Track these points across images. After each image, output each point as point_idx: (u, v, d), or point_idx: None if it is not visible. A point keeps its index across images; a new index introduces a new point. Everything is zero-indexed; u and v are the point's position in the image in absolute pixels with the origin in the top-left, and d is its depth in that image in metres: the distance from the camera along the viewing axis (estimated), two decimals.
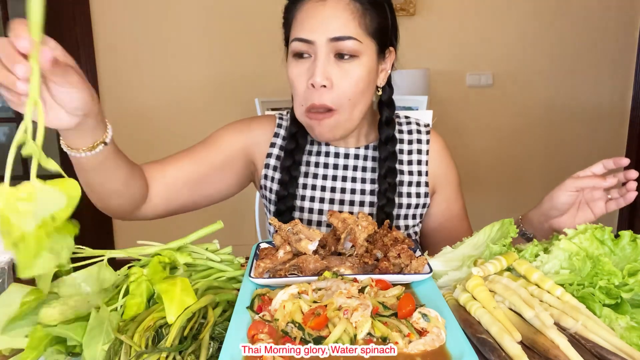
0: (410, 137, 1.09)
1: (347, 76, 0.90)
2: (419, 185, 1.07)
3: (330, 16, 0.89)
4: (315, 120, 0.93)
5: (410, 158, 1.08)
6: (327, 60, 0.90)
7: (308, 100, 0.92)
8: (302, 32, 0.90)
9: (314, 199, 1.05)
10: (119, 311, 0.59)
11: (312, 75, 0.89)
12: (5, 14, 2.89)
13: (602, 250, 0.68)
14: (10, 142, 0.51)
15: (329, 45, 0.89)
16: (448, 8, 2.93)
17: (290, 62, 0.94)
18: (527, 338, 0.53)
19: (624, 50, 2.99)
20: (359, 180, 1.06)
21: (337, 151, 1.07)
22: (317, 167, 1.06)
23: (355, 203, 1.05)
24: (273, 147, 1.08)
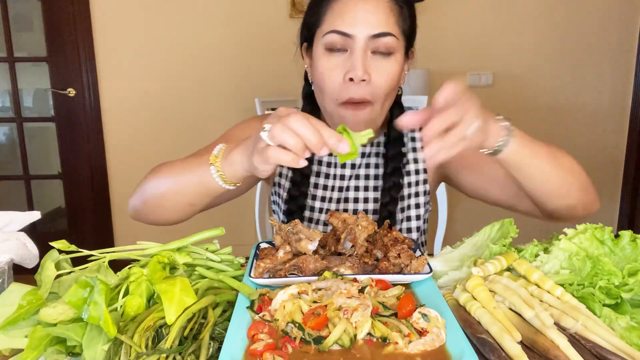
0: (413, 134, 1.08)
1: (384, 71, 0.91)
2: (417, 185, 1.06)
3: (372, 11, 0.88)
4: (352, 111, 0.92)
5: (407, 158, 1.07)
6: (365, 55, 0.89)
7: (344, 94, 0.91)
8: (341, 25, 0.89)
9: (325, 199, 1.05)
10: (119, 311, 0.59)
11: (352, 69, 0.88)
12: (5, 14, 2.89)
13: (602, 250, 0.68)
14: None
15: (369, 41, 0.88)
16: (449, 8, 2.93)
17: (322, 55, 0.92)
18: (527, 338, 0.53)
19: (624, 50, 2.99)
20: (362, 177, 1.06)
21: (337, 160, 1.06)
22: (329, 167, 1.06)
23: (360, 200, 1.05)
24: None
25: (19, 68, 3.01)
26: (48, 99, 3.03)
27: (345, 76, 0.90)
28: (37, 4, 2.89)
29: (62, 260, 0.68)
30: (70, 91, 2.96)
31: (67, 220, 3.16)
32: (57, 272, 0.65)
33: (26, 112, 3.08)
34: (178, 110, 3.01)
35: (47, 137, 3.08)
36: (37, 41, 2.96)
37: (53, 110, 3.02)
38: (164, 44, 2.94)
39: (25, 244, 0.75)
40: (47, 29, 2.91)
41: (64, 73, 2.96)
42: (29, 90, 3.08)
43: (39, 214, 0.80)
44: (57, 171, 3.11)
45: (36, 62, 3.02)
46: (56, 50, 2.93)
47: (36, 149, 3.12)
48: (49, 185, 3.18)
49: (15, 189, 3.16)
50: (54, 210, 3.22)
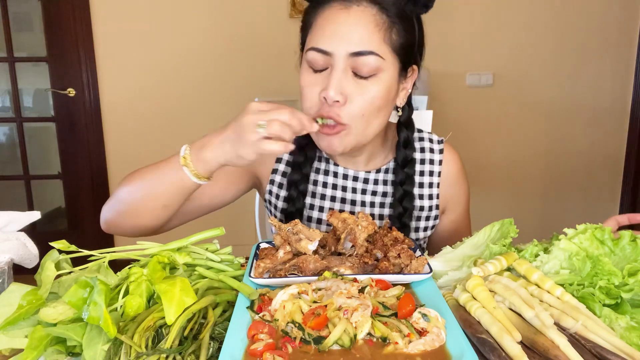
0: (423, 156, 1.03)
1: (364, 93, 0.83)
2: (430, 210, 1.02)
3: (353, 26, 0.81)
4: (324, 135, 0.87)
5: (422, 180, 1.02)
6: (344, 74, 0.82)
7: (319, 112, 0.86)
8: (320, 41, 0.83)
9: (321, 221, 1.01)
10: (119, 311, 0.59)
11: (326, 88, 0.82)
12: (5, 14, 2.89)
13: (602, 250, 0.68)
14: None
15: (348, 59, 0.82)
16: (448, 8, 2.93)
17: (303, 70, 0.87)
18: (527, 338, 0.53)
19: (624, 50, 2.99)
20: (367, 204, 1.01)
21: (345, 173, 1.01)
22: (325, 188, 1.01)
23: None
24: (279, 163, 1.03)
25: (19, 68, 3.01)
26: (48, 99, 3.03)
27: (320, 94, 0.84)
28: (37, 4, 2.89)
29: (62, 260, 0.68)
30: (70, 91, 2.96)
31: (67, 220, 3.16)
32: (57, 272, 0.65)
33: (26, 112, 3.08)
34: (178, 110, 3.01)
35: (47, 137, 3.08)
36: (37, 41, 2.96)
37: (53, 110, 3.02)
38: (163, 44, 2.94)
39: (25, 244, 0.75)
40: (47, 29, 2.91)
41: (64, 73, 2.96)
42: (29, 90, 3.08)
43: (39, 214, 0.80)
44: (57, 171, 3.11)
45: (36, 62, 3.02)
46: (56, 50, 2.93)
47: (36, 149, 3.12)
48: (49, 185, 3.18)
49: (15, 189, 3.16)
50: (54, 210, 3.22)
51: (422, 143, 1.04)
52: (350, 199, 1.01)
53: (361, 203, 1.01)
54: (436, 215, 1.04)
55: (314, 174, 1.02)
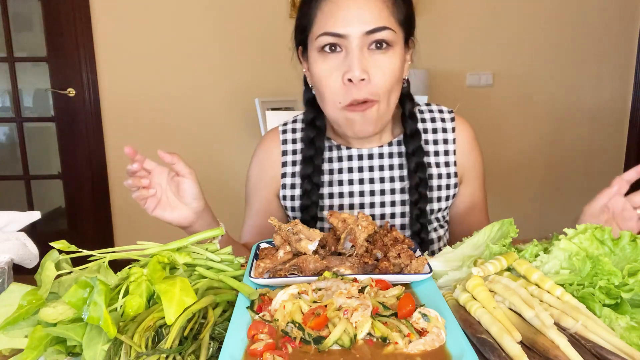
0: (435, 125, 1.05)
1: (384, 67, 0.87)
2: (449, 177, 1.03)
3: (363, 6, 0.85)
4: (358, 112, 0.89)
5: (437, 149, 1.04)
6: (362, 53, 0.86)
7: (347, 96, 0.88)
8: (333, 26, 0.85)
9: (343, 206, 1.02)
10: (119, 311, 0.59)
11: (349, 69, 0.85)
12: (5, 14, 2.89)
13: (602, 250, 0.68)
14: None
15: (364, 38, 0.85)
16: (449, 8, 2.93)
17: (316, 59, 0.89)
18: (527, 338, 0.53)
19: (624, 50, 2.99)
20: (387, 179, 1.02)
21: (359, 153, 1.03)
22: (340, 174, 1.03)
23: (386, 204, 1.02)
24: (285, 166, 1.05)
25: (19, 68, 3.01)
26: (48, 99, 3.03)
27: (344, 77, 0.87)
28: (37, 4, 2.89)
29: (62, 261, 0.68)
30: (70, 91, 2.96)
31: (67, 220, 3.16)
32: (57, 272, 0.65)
33: (26, 112, 3.08)
34: (178, 110, 3.01)
35: (47, 137, 3.08)
36: (37, 41, 2.96)
37: (53, 110, 3.03)
38: (163, 44, 2.94)
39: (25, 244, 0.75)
40: (47, 29, 2.91)
41: (64, 73, 2.96)
42: (29, 90, 3.08)
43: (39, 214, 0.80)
44: (57, 171, 3.11)
45: (36, 62, 3.02)
46: (56, 50, 2.93)
47: (36, 149, 3.12)
48: (49, 185, 3.18)
49: (15, 189, 3.16)
50: (54, 210, 3.22)
51: (432, 114, 1.06)
52: (369, 178, 1.02)
53: (380, 180, 1.02)
54: (455, 183, 1.04)
55: (327, 164, 1.03)
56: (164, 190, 0.84)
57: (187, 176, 0.83)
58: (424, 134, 1.04)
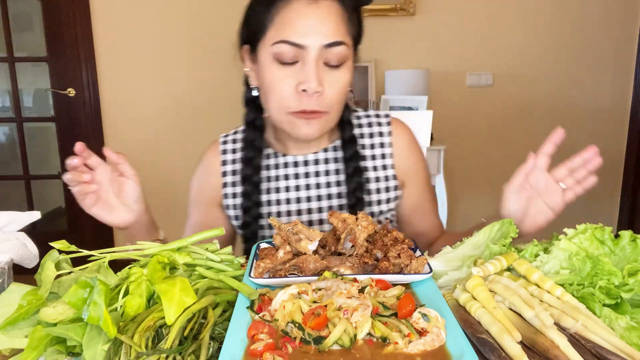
0: (371, 130, 1.06)
1: (337, 82, 0.89)
2: (387, 180, 1.05)
3: (324, 19, 0.85)
4: (305, 120, 0.90)
5: (374, 152, 1.05)
6: (317, 66, 0.86)
7: (298, 104, 0.89)
8: (292, 34, 0.85)
9: (281, 213, 1.03)
10: (119, 311, 0.59)
11: (306, 81, 0.86)
12: (5, 14, 2.89)
13: (602, 250, 0.68)
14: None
15: (321, 50, 0.86)
16: (448, 8, 2.93)
17: (269, 64, 0.88)
18: (527, 338, 0.53)
19: (624, 50, 2.99)
20: (323, 185, 1.03)
21: (295, 160, 1.04)
22: (277, 181, 1.04)
23: (323, 209, 1.03)
24: (225, 176, 1.06)
25: (19, 68, 3.01)
26: (48, 99, 3.03)
27: (298, 87, 0.87)
28: (37, 4, 2.89)
29: (62, 261, 0.68)
30: (70, 91, 2.97)
31: (67, 220, 3.16)
32: (57, 272, 0.65)
33: (26, 112, 3.08)
34: (178, 110, 3.01)
35: (47, 137, 3.09)
36: (37, 41, 2.96)
37: (53, 110, 3.03)
38: (163, 44, 2.94)
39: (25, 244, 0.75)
40: (47, 29, 2.91)
41: (64, 73, 2.96)
42: (29, 90, 3.09)
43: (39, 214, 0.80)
44: (57, 171, 3.11)
45: (36, 62, 3.02)
46: (56, 50, 2.94)
47: (36, 149, 3.12)
48: (49, 185, 3.18)
49: (15, 189, 3.16)
50: (54, 210, 3.22)
51: (369, 119, 1.08)
52: (305, 184, 1.03)
53: (316, 185, 1.03)
54: (395, 185, 1.05)
55: (265, 171, 1.05)
56: (105, 189, 0.83)
57: (131, 177, 0.83)
58: (361, 139, 1.05)
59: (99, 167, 0.82)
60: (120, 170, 0.83)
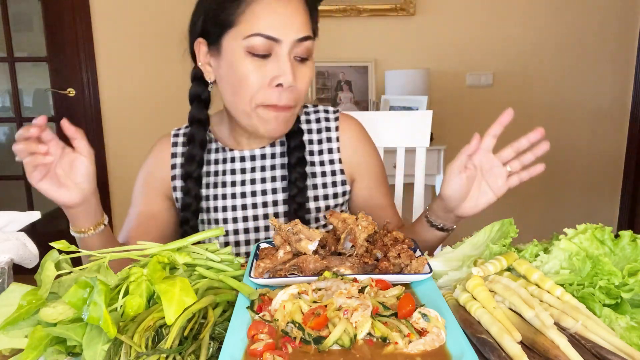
0: (319, 125, 1.07)
1: (305, 76, 0.92)
2: (334, 174, 1.05)
3: (295, 14, 0.88)
4: (274, 112, 0.91)
5: (321, 147, 1.06)
6: (290, 60, 0.88)
7: (268, 98, 0.89)
8: (267, 28, 0.86)
9: (226, 208, 1.03)
10: (119, 311, 0.59)
11: (281, 75, 0.87)
12: (5, 14, 2.89)
13: (602, 250, 0.68)
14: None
15: (293, 44, 0.88)
16: (448, 8, 2.93)
17: (241, 57, 0.88)
18: (527, 338, 0.53)
19: (624, 50, 2.99)
20: (269, 179, 1.04)
21: (242, 155, 1.04)
22: (224, 175, 1.04)
23: (269, 204, 1.03)
24: (174, 169, 1.06)
25: (19, 68, 3.01)
26: (48, 99, 3.03)
27: (272, 81, 0.88)
28: (37, 4, 2.89)
29: (62, 261, 0.68)
30: (70, 91, 2.97)
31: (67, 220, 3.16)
32: (57, 272, 0.65)
33: (26, 112, 3.08)
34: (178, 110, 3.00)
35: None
36: (37, 41, 2.96)
37: (53, 110, 3.03)
38: (164, 44, 2.94)
39: (25, 244, 0.75)
40: (47, 29, 2.91)
41: (64, 73, 2.96)
42: (29, 90, 3.09)
43: (39, 214, 0.80)
44: None
45: (36, 62, 3.02)
46: (56, 50, 2.94)
47: None
48: None
49: (15, 189, 3.16)
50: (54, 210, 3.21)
51: (318, 114, 1.09)
52: (250, 179, 1.04)
53: (261, 180, 1.04)
54: (343, 180, 1.06)
55: (213, 166, 1.05)
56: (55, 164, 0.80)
57: (86, 155, 0.80)
58: (309, 134, 1.07)
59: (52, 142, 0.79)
60: (75, 145, 0.80)
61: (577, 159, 3.10)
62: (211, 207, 1.03)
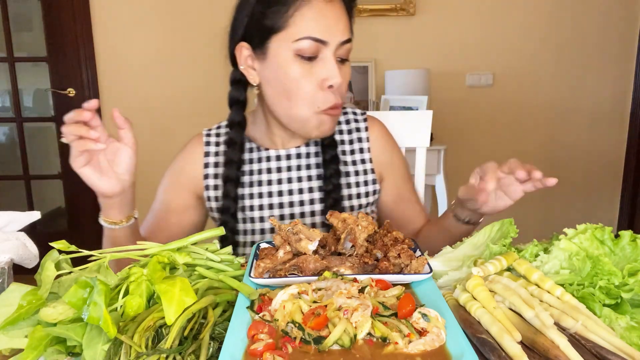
0: (349, 126, 1.11)
1: (346, 75, 0.95)
2: (366, 174, 1.08)
3: (340, 18, 0.91)
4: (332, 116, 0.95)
5: (352, 147, 1.09)
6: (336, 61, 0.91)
7: (326, 101, 0.92)
8: (316, 31, 0.88)
9: (263, 206, 1.04)
10: (119, 311, 0.59)
11: (332, 76, 0.90)
12: (5, 14, 2.89)
13: (602, 250, 0.68)
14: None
15: (338, 47, 0.90)
16: (448, 8, 2.93)
17: (291, 61, 0.90)
18: (527, 338, 0.53)
19: (624, 50, 2.99)
20: (305, 178, 1.05)
21: (278, 154, 1.06)
22: (260, 174, 1.05)
23: (305, 202, 1.05)
24: (207, 168, 1.07)
25: (19, 68, 3.01)
26: (48, 99, 3.04)
27: (324, 83, 0.90)
28: (37, 4, 2.89)
29: (62, 261, 0.68)
30: (70, 91, 2.97)
31: (67, 220, 3.16)
32: (57, 272, 0.65)
33: (26, 112, 3.09)
34: (178, 110, 3.01)
35: (47, 137, 3.09)
36: (37, 41, 2.96)
37: (53, 110, 3.03)
38: (164, 44, 2.94)
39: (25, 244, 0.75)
40: (47, 29, 2.91)
41: (64, 73, 2.96)
42: (29, 90, 3.09)
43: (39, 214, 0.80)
44: (57, 171, 3.11)
45: (36, 62, 3.02)
46: (56, 50, 2.94)
47: (36, 149, 3.12)
48: (49, 185, 3.18)
49: (15, 189, 3.16)
50: (54, 210, 3.22)
51: (347, 116, 1.12)
52: (287, 178, 1.06)
53: (298, 179, 1.06)
54: (374, 179, 1.09)
55: (248, 165, 1.06)
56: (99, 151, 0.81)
57: (130, 146, 0.83)
58: (340, 135, 1.10)
59: (99, 128, 0.80)
60: (122, 135, 0.82)
61: (577, 159, 3.10)
62: (247, 205, 1.05)
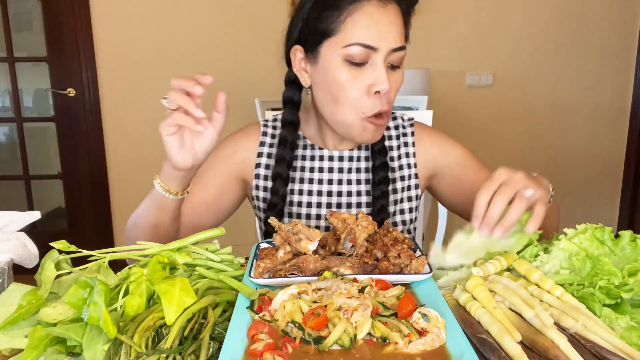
0: (397, 132, 1.10)
1: (396, 82, 0.93)
2: (410, 178, 1.08)
3: (393, 24, 0.89)
4: (377, 124, 0.93)
5: (399, 153, 1.09)
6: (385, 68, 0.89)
7: (373, 108, 0.90)
8: (366, 37, 0.87)
9: (311, 204, 1.05)
10: (119, 311, 0.59)
11: (380, 82, 0.88)
12: (5, 14, 2.89)
13: (602, 250, 0.68)
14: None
15: (389, 53, 0.89)
16: (448, 8, 2.93)
17: (340, 66, 0.90)
18: (527, 338, 0.53)
19: (624, 50, 2.99)
20: (354, 181, 1.06)
21: (331, 154, 1.06)
22: (312, 172, 1.06)
23: (352, 205, 1.05)
24: (261, 157, 1.07)
25: (19, 68, 3.01)
26: (48, 99, 3.03)
27: (371, 89, 0.89)
28: (37, 4, 2.89)
29: (62, 261, 0.68)
30: (70, 91, 2.97)
31: (67, 220, 3.16)
32: (57, 272, 0.65)
33: (26, 112, 3.08)
34: None
35: (47, 137, 3.08)
36: (37, 41, 2.96)
37: (53, 110, 3.03)
38: (163, 44, 2.94)
39: (25, 244, 0.75)
40: (47, 29, 2.91)
41: (64, 73, 2.96)
42: (29, 90, 3.09)
43: (39, 214, 0.80)
44: (57, 171, 3.11)
45: (36, 62, 3.02)
46: (56, 50, 2.94)
47: (36, 149, 3.12)
48: (49, 185, 3.18)
49: (15, 189, 3.16)
50: (54, 210, 3.22)
51: (396, 121, 1.12)
52: (337, 179, 1.06)
53: (347, 181, 1.06)
54: (416, 184, 1.09)
55: (300, 161, 1.07)
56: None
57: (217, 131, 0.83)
58: (389, 141, 1.09)
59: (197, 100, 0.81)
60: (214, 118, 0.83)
61: (577, 159, 3.10)
62: (295, 201, 1.05)
